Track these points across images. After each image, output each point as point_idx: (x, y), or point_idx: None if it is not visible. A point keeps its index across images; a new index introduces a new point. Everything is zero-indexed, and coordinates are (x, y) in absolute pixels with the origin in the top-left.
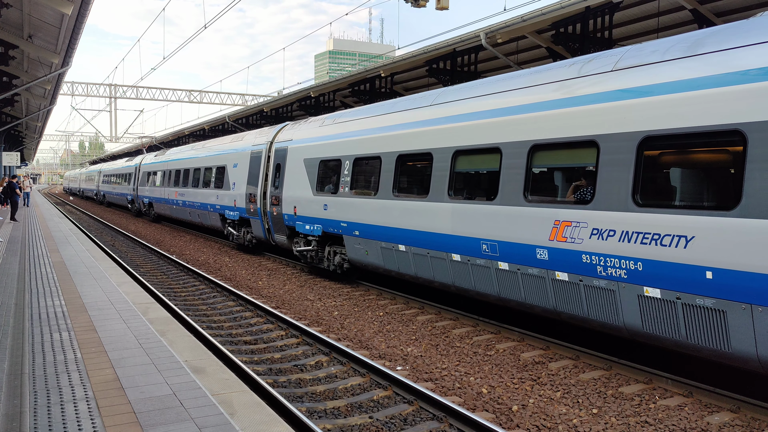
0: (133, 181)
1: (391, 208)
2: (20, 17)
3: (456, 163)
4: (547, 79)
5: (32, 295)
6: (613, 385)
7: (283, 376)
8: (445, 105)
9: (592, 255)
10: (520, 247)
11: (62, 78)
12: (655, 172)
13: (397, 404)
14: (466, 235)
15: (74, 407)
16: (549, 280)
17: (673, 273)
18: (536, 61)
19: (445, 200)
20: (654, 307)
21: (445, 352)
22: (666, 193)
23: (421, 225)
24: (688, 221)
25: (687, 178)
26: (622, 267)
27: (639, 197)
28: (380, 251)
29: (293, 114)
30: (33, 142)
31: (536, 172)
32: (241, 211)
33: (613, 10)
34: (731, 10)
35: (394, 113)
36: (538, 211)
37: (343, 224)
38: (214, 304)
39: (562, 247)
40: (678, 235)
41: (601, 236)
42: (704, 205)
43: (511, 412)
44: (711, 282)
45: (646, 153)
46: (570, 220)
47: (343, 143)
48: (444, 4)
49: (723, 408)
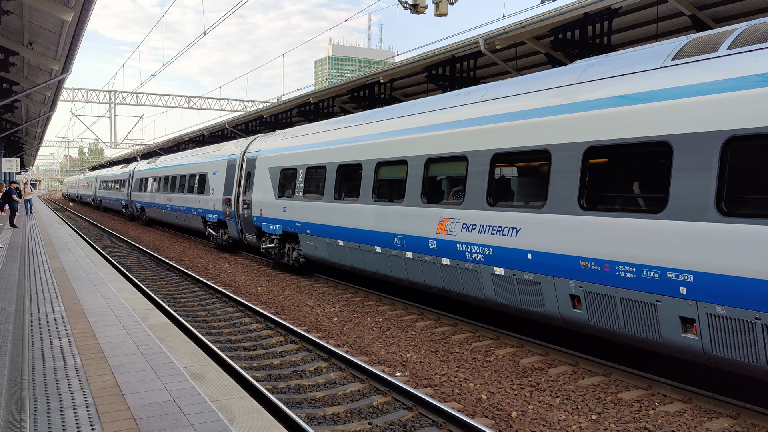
0: (127, 187)
1: (333, 209)
2: (20, 24)
3: (378, 171)
4: (436, 106)
5: (32, 301)
6: (613, 391)
7: (282, 382)
8: (372, 124)
9: (463, 244)
10: (419, 239)
11: (62, 84)
12: (501, 180)
13: (397, 410)
14: (384, 231)
15: (74, 413)
16: (438, 265)
17: (510, 256)
18: (535, 67)
19: (370, 202)
20: (501, 282)
21: (445, 358)
22: (507, 196)
23: (354, 223)
24: (518, 217)
25: (518, 184)
26: (481, 252)
27: (491, 199)
28: (326, 246)
29: (292, 120)
30: (33, 148)
31: (430, 179)
32: (219, 214)
33: (612, 16)
34: (730, 16)
35: (337, 129)
36: (430, 210)
37: (298, 224)
38: (214, 310)
39: (445, 239)
40: (512, 227)
41: (468, 229)
42: (528, 204)
43: (511, 419)
44: (531, 261)
45: (496, 165)
46: (449, 217)
47: (299, 154)
48: (443, 10)
49: (722, 414)
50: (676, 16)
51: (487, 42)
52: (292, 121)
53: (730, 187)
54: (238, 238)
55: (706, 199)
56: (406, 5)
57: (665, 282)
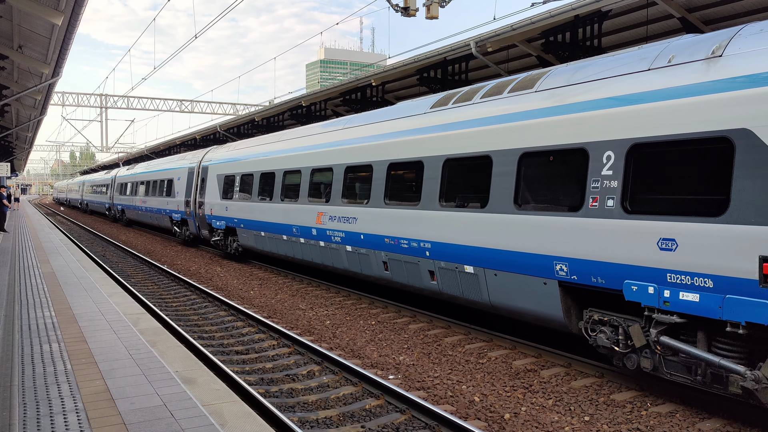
0: (110, 191)
1: (257, 208)
2: (10, 28)
3: (285, 178)
4: (316, 131)
5: (22, 306)
6: (605, 393)
7: (274, 386)
8: (283, 142)
9: (330, 230)
10: (306, 228)
11: (53, 88)
12: (349, 184)
13: (390, 413)
14: (287, 223)
15: (64, 419)
16: (317, 246)
17: (353, 237)
18: (526, 70)
19: (279, 202)
20: (351, 256)
21: (438, 361)
22: (352, 196)
23: (270, 218)
24: (356, 210)
25: (357, 188)
26: (339, 236)
27: (344, 198)
28: (254, 237)
29: (284, 123)
30: (23, 152)
31: (313, 184)
32: (182, 213)
33: (602, 19)
34: (719, 18)
35: (261, 145)
36: (311, 207)
37: (236, 220)
38: (206, 314)
39: (320, 227)
40: (353, 217)
41: (332, 220)
42: (362, 201)
43: (504, 421)
44: (363, 240)
45: (348, 174)
46: (322, 211)
47: (237, 164)
48: (434, 13)
49: (714, 414)
50: (665, 19)
51: (479, 45)
52: (285, 124)
53: (447, 189)
54: (197, 233)
55: (434, 196)
56: (398, 8)
57: (420, 249)
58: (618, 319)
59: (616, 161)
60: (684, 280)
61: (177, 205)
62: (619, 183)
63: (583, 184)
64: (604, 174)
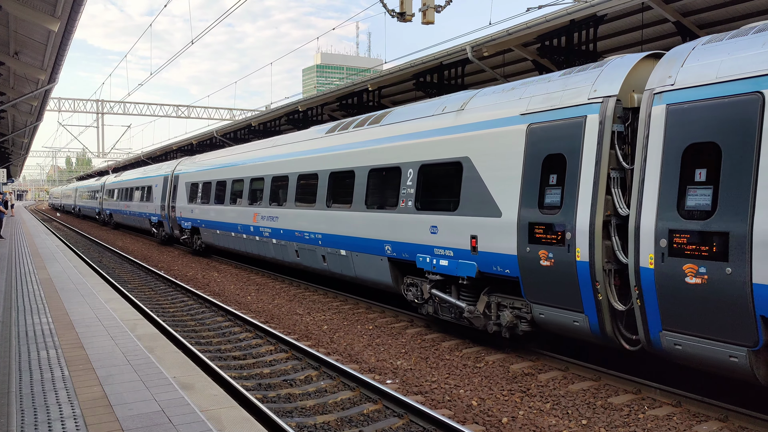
0: (99, 196)
1: (214, 210)
2: (6, 34)
3: (233, 185)
4: (260, 146)
5: (19, 313)
6: (603, 396)
7: (272, 391)
8: (235, 155)
9: (262, 227)
10: (246, 226)
11: (49, 94)
12: (275, 189)
13: (387, 418)
14: (234, 222)
15: (62, 425)
16: (254, 240)
17: (276, 232)
18: (523, 74)
19: (228, 205)
20: (276, 247)
21: (435, 365)
22: (277, 199)
23: (222, 218)
24: (277, 211)
25: (279, 193)
26: (267, 230)
27: (271, 202)
28: (212, 235)
29: (281, 128)
30: (20, 158)
31: (251, 190)
32: (158, 216)
33: (597, 23)
34: (714, 22)
35: (220, 158)
36: (250, 209)
37: (199, 221)
38: (203, 320)
39: (255, 225)
40: (276, 216)
41: (263, 219)
42: (281, 204)
43: (501, 425)
44: (283, 234)
45: (273, 182)
46: (257, 212)
47: (199, 173)
48: (430, 18)
49: (711, 417)
50: (661, 23)
51: (475, 49)
52: (281, 129)
53: (333, 194)
54: (170, 233)
55: (324, 199)
56: (394, 13)
57: (315, 239)
58: (416, 281)
59: (414, 175)
60: (441, 252)
61: (155, 209)
62: (414, 190)
63: (398, 191)
64: (407, 184)
